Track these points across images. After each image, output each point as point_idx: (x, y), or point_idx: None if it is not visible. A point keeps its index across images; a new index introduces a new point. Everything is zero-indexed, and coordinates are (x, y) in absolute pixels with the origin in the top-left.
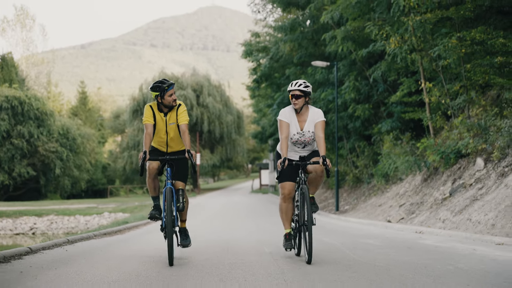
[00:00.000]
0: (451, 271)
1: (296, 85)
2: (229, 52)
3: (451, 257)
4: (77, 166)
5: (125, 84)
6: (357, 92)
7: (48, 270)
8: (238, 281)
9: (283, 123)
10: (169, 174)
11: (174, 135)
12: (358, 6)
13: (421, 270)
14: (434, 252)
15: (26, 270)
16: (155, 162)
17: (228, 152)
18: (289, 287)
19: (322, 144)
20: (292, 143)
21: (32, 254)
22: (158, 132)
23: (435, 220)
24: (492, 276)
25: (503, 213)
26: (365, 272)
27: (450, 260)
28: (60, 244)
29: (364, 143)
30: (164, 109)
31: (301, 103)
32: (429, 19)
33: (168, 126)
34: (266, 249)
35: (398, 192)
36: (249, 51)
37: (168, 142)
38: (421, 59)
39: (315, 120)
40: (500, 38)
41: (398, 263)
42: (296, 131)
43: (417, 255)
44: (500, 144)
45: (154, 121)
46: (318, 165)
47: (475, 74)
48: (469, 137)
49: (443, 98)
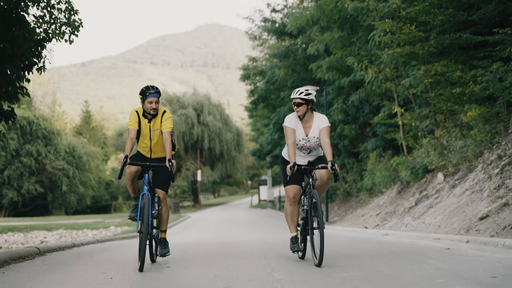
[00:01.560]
0: (393, 252)
1: (297, 93)
2: (229, 70)
3: (396, 246)
4: (83, 183)
5: (125, 102)
6: (344, 113)
7: (93, 255)
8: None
9: (288, 129)
10: (146, 180)
11: (158, 141)
12: (340, 40)
13: (374, 253)
14: (387, 243)
15: (82, 253)
16: (133, 167)
17: (228, 168)
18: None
19: (328, 149)
20: (297, 148)
21: (76, 247)
22: (143, 137)
23: (400, 225)
24: (411, 253)
25: (447, 216)
26: (335, 256)
27: (393, 247)
28: (93, 242)
29: (352, 159)
30: (148, 116)
31: (303, 110)
32: (400, 53)
33: (152, 133)
34: (262, 252)
35: (378, 203)
36: (247, 75)
37: (152, 148)
38: (395, 87)
39: (320, 126)
40: (457, 71)
41: (361, 250)
42: (301, 137)
43: (377, 246)
44: (453, 161)
45: (139, 127)
46: (324, 172)
47: (439, 102)
48: (434, 155)
49: (414, 121)
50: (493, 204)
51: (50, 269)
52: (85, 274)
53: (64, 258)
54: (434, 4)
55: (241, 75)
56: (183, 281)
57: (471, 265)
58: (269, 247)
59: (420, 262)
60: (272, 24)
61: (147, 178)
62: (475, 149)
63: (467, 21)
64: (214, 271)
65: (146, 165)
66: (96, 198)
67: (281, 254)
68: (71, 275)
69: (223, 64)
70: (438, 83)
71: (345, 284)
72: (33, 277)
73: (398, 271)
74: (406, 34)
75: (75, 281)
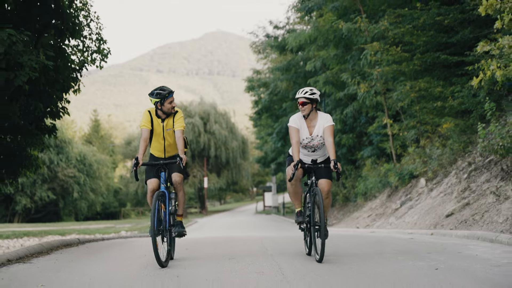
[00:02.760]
0: (369, 242)
1: (302, 93)
2: (235, 77)
3: (377, 239)
4: (93, 190)
5: (132, 110)
6: (342, 123)
7: (121, 244)
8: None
9: (292, 129)
10: (163, 179)
11: (172, 140)
12: (336, 57)
13: (356, 243)
14: (371, 237)
15: (112, 244)
16: (154, 182)
17: (233, 176)
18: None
19: (331, 148)
20: (302, 147)
21: (106, 240)
22: (156, 137)
23: (386, 224)
24: (383, 242)
25: (422, 215)
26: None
27: (375, 238)
28: (117, 238)
29: (351, 166)
30: (162, 115)
31: (308, 110)
32: (388, 71)
33: (166, 132)
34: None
35: (371, 207)
36: (251, 86)
37: (165, 147)
38: (385, 100)
39: (323, 125)
40: (438, 87)
41: (350, 243)
42: (305, 136)
43: (363, 240)
44: (433, 167)
45: (152, 127)
46: (324, 184)
47: (423, 114)
48: (419, 162)
49: (402, 131)
50: (458, 204)
51: (94, 251)
52: (122, 254)
53: (101, 246)
54: (417, 26)
55: (245, 86)
56: (201, 255)
57: (419, 247)
58: (267, 238)
59: (385, 246)
60: (275, 40)
61: (164, 176)
62: (450, 157)
63: (447, 43)
64: (221, 251)
65: (159, 164)
66: (105, 204)
67: (275, 241)
68: (111, 255)
69: (229, 71)
70: (423, 97)
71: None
72: (86, 255)
73: (366, 253)
74: (392, 55)
75: (118, 256)
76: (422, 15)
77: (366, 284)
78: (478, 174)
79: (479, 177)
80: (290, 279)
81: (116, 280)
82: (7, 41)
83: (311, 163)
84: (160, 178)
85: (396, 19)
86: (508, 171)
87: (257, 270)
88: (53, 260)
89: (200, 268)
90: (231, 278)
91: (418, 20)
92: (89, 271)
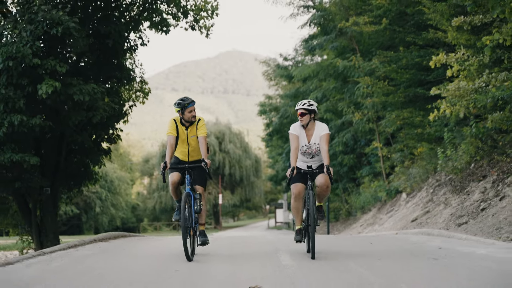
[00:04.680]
0: (354, 240)
1: (301, 105)
2: (249, 96)
3: (358, 238)
4: (114, 205)
5: (147, 128)
6: (344, 145)
7: (151, 239)
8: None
9: (292, 135)
10: (188, 181)
11: (195, 146)
12: (335, 89)
13: (344, 240)
14: (356, 238)
15: (143, 238)
16: (175, 176)
17: (247, 193)
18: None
19: (325, 155)
20: (301, 153)
21: (136, 237)
22: (181, 143)
23: (372, 230)
24: (365, 239)
25: (396, 222)
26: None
27: (356, 239)
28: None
29: (352, 184)
30: (186, 123)
31: (306, 120)
32: (377, 102)
33: (189, 138)
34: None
35: (366, 219)
36: (263, 110)
37: (189, 152)
38: (376, 127)
39: (320, 134)
40: (418, 117)
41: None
42: (304, 143)
43: (353, 241)
44: (411, 184)
45: (177, 134)
46: (323, 179)
47: (406, 139)
48: (403, 179)
49: (390, 153)
50: (421, 211)
51: (133, 241)
52: (155, 242)
53: (135, 239)
54: (401, 66)
55: (258, 110)
56: (221, 244)
57: (385, 241)
58: (275, 238)
59: (366, 241)
60: (284, 70)
61: (188, 179)
62: (423, 175)
63: (425, 80)
64: (236, 245)
65: (184, 168)
66: (124, 220)
67: (280, 239)
68: (147, 243)
69: (243, 90)
70: (407, 124)
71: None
72: (133, 241)
73: (354, 243)
74: (381, 88)
75: (154, 243)
76: (405, 57)
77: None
78: (440, 189)
79: (440, 191)
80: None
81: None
82: (91, 92)
83: (307, 169)
84: (185, 179)
85: (385, 58)
86: (455, 185)
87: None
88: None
89: (217, 262)
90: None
91: (401, 60)
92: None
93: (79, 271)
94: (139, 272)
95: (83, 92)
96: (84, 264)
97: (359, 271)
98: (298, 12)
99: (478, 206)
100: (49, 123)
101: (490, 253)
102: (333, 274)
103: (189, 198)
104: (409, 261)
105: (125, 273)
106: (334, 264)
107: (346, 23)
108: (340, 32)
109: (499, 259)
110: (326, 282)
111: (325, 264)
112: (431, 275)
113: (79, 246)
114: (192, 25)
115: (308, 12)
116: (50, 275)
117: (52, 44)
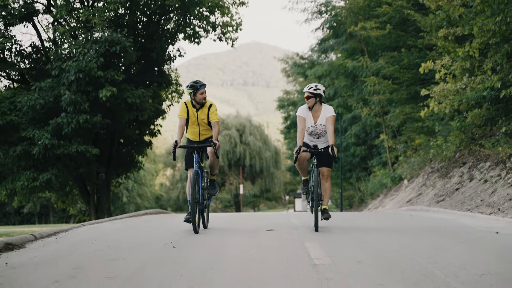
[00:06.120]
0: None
1: (308, 88)
2: (269, 88)
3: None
4: (140, 195)
5: (168, 120)
6: (356, 137)
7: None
8: None
9: (299, 117)
10: (196, 160)
11: (205, 126)
12: (345, 87)
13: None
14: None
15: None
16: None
17: (267, 183)
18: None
19: (330, 135)
20: (308, 134)
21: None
22: (192, 124)
23: (378, 212)
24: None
25: (395, 203)
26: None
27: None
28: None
29: (364, 173)
30: (197, 105)
31: (312, 102)
32: (383, 99)
33: (200, 120)
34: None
35: (374, 204)
36: (282, 105)
37: (200, 132)
38: (383, 121)
39: (326, 115)
40: (418, 112)
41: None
42: (310, 124)
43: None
44: (411, 171)
45: (188, 116)
46: (324, 169)
47: (408, 132)
48: (405, 168)
49: (395, 145)
50: (415, 194)
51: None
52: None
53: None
54: (404, 65)
55: (277, 105)
56: (236, 219)
57: (378, 214)
58: (292, 216)
59: (361, 216)
60: (300, 68)
61: (197, 157)
62: (421, 164)
63: (425, 79)
64: (253, 221)
65: (194, 147)
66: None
67: (296, 215)
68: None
69: (263, 82)
70: (409, 118)
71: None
72: (148, 220)
73: (357, 216)
74: (386, 86)
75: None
76: (407, 57)
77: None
78: (432, 175)
79: (432, 176)
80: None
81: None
82: (141, 95)
83: (312, 148)
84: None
85: (389, 59)
86: (442, 171)
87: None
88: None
89: (227, 234)
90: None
91: (403, 61)
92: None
93: (131, 226)
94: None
95: (135, 96)
96: (140, 224)
97: (354, 231)
98: (312, 17)
99: (455, 187)
100: (107, 120)
101: (443, 216)
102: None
103: (197, 176)
104: (391, 218)
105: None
106: (332, 228)
107: (355, 28)
108: (350, 35)
109: (449, 220)
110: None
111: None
112: (397, 223)
113: (133, 216)
114: (220, 37)
115: (321, 17)
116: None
117: (111, 58)
